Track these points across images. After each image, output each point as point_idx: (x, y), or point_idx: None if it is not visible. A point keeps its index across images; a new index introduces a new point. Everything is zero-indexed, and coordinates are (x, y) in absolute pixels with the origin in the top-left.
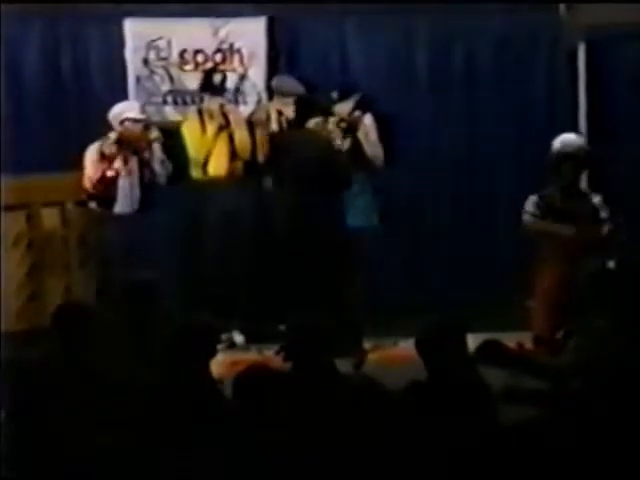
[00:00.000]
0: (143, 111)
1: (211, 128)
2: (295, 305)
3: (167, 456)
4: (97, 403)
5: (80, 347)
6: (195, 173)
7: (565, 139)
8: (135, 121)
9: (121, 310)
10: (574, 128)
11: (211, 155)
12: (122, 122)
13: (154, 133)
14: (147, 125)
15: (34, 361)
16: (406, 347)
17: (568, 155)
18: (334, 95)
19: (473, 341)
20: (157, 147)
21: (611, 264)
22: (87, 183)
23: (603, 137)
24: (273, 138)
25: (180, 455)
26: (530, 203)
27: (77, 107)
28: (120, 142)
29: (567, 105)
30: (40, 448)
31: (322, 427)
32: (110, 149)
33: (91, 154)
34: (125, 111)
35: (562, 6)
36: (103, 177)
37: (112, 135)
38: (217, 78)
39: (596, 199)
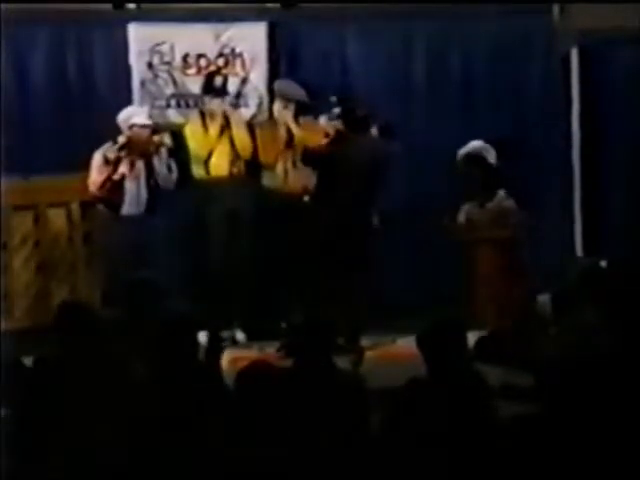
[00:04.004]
0: (150, 116)
1: (213, 129)
2: (296, 303)
3: (167, 453)
4: (98, 402)
5: (80, 345)
6: (197, 172)
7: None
8: (142, 126)
9: (121, 309)
10: (567, 131)
11: (213, 155)
12: (131, 127)
13: (160, 137)
14: (154, 129)
15: (36, 360)
16: (404, 345)
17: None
18: (333, 99)
19: (471, 338)
20: (164, 151)
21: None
22: (92, 187)
23: (596, 140)
24: (328, 150)
25: (181, 451)
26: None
27: (83, 110)
28: (127, 146)
29: (561, 108)
30: (40, 448)
31: (322, 423)
32: (113, 154)
33: (96, 159)
34: (132, 116)
35: (555, 11)
36: (106, 181)
37: (120, 139)
38: (218, 81)
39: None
